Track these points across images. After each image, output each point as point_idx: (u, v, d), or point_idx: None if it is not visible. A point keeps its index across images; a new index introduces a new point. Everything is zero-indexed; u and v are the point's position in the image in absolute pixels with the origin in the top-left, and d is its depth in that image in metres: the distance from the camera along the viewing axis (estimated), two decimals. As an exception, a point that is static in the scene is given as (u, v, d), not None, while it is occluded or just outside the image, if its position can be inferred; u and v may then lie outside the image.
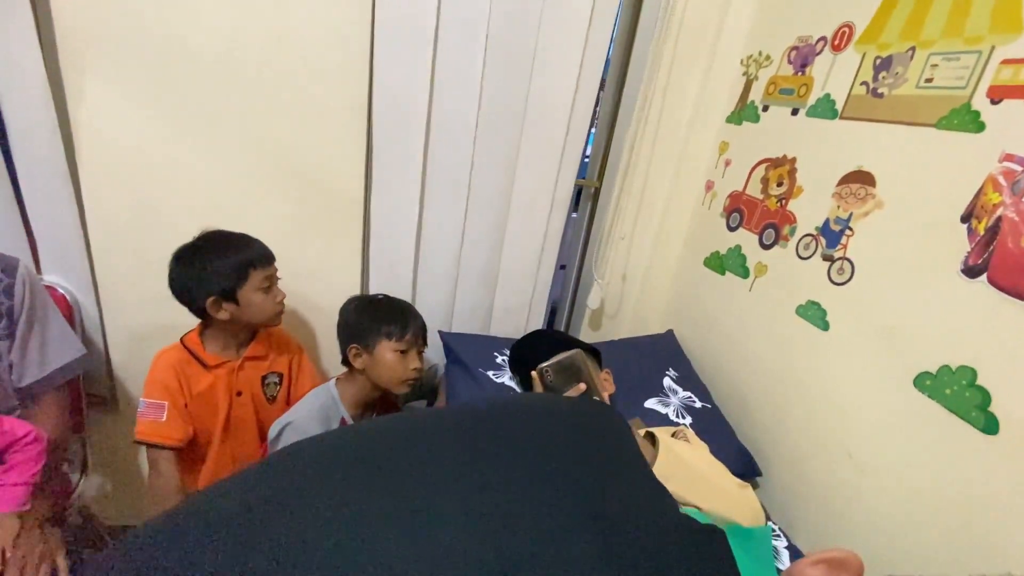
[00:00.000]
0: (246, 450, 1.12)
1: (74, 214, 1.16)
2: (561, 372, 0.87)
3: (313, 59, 1.13)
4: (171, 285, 1.03)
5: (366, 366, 1.07)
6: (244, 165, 1.19)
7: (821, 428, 0.97)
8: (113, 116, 1.10)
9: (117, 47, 1.06)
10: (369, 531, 0.37)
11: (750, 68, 1.24)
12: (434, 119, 1.21)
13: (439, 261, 1.38)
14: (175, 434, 1.03)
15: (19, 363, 1.00)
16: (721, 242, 1.27)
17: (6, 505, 0.88)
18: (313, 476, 0.43)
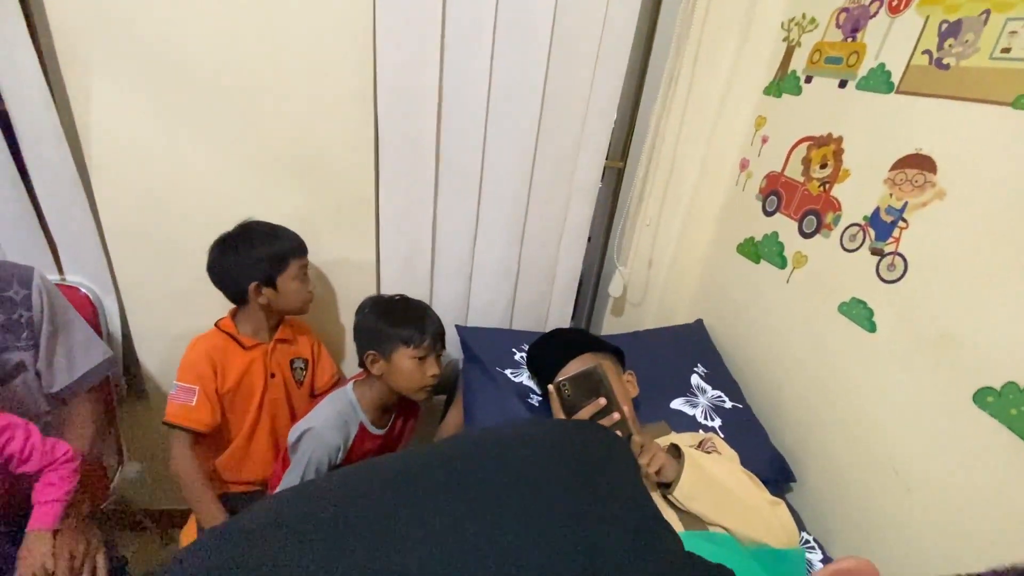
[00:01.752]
0: (281, 431, 1.15)
1: (87, 214, 1.16)
2: (578, 386, 0.83)
3: (314, 51, 1.07)
4: (211, 270, 1.09)
5: (384, 372, 1.05)
6: (252, 160, 1.16)
7: (863, 439, 0.90)
8: (119, 115, 1.08)
9: (116, 45, 1.02)
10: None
11: (792, 33, 1.11)
12: (444, 106, 1.14)
13: (454, 254, 1.33)
14: (203, 418, 1.06)
15: (47, 371, 1.02)
16: (756, 227, 1.18)
17: (41, 523, 0.91)
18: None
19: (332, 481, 0.56)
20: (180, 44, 1.03)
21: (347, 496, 0.48)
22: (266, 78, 1.08)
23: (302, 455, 1.01)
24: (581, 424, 0.75)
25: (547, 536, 0.41)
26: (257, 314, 1.11)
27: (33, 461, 0.93)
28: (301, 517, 0.45)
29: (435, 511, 0.44)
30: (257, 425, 1.15)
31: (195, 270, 1.23)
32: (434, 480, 0.47)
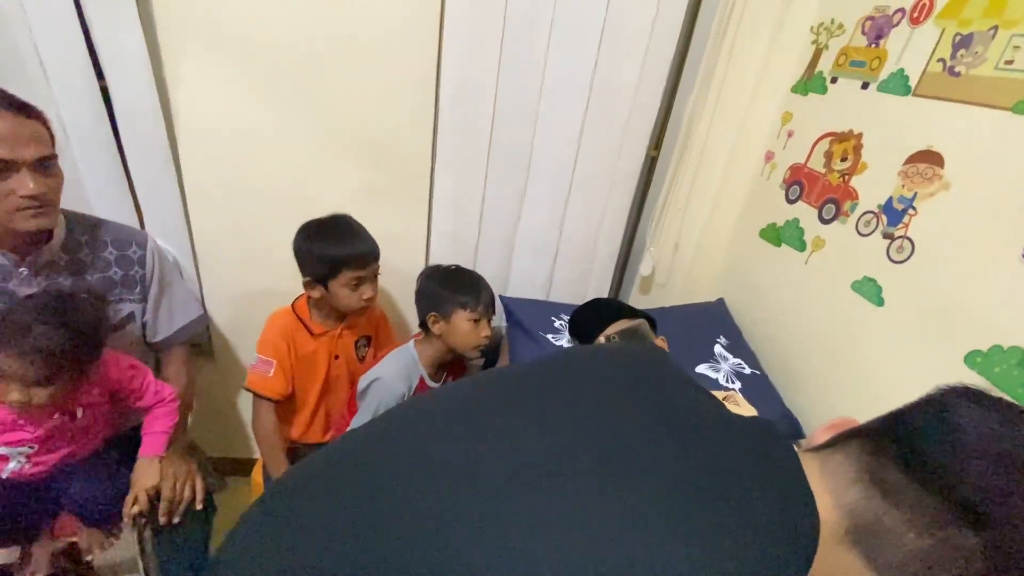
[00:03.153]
0: (339, 405, 1.28)
1: (174, 185, 1.28)
2: (626, 339, 0.96)
3: (385, 38, 1.18)
4: (294, 251, 1.17)
5: (443, 332, 1.18)
6: (322, 138, 1.27)
7: (867, 397, 1.03)
8: (208, 95, 1.19)
9: (211, 32, 1.13)
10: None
11: (820, 37, 1.22)
12: (500, 92, 1.25)
13: (498, 230, 1.45)
14: (278, 388, 1.19)
15: (152, 323, 1.16)
16: (779, 214, 1.30)
17: (152, 449, 1.06)
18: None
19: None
20: (266, 32, 1.14)
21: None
22: (340, 64, 1.19)
23: (371, 400, 1.14)
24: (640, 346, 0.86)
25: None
26: (320, 302, 1.20)
27: (147, 398, 1.08)
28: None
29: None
30: (320, 398, 1.28)
31: (265, 238, 1.37)
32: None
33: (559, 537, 0.39)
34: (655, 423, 0.48)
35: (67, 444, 1.01)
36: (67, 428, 0.99)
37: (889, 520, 0.38)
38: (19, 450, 0.96)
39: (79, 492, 1.03)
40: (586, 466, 0.44)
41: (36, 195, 0.86)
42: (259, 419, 1.20)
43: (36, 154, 0.86)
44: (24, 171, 0.85)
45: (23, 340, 0.83)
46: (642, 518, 0.39)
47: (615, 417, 0.49)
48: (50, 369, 0.85)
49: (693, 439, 0.47)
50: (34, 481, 1.01)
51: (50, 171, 0.90)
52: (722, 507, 0.40)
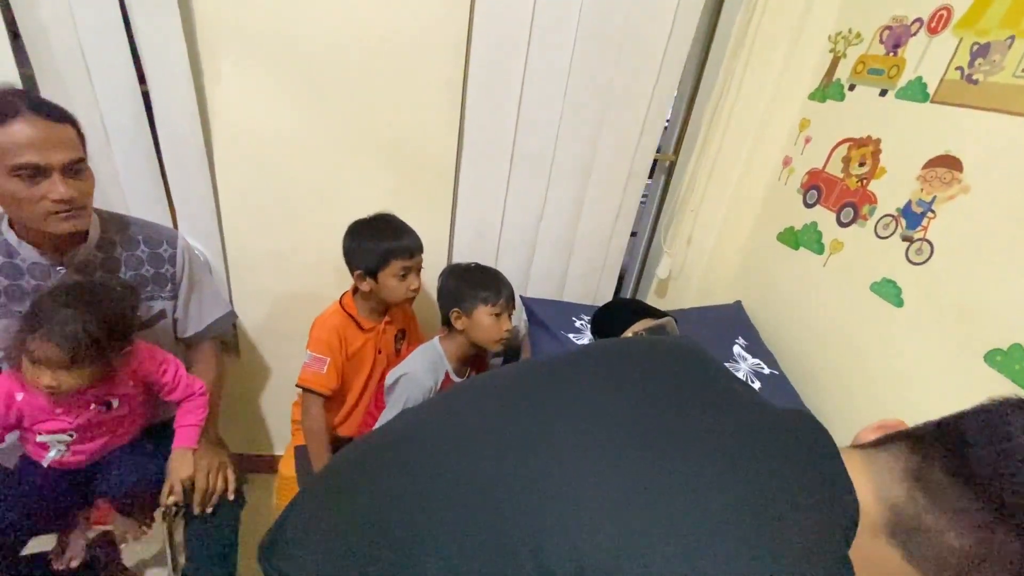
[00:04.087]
0: (379, 399, 1.31)
1: (208, 185, 1.32)
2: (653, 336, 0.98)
3: (414, 44, 1.22)
4: (343, 249, 1.23)
5: (466, 327, 1.21)
6: (350, 139, 1.31)
7: (887, 396, 1.05)
8: (243, 99, 1.24)
9: (248, 39, 1.18)
10: None
11: (838, 45, 1.25)
12: (525, 96, 1.29)
13: (520, 229, 1.49)
14: (330, 384, 1.23)
15: (182, 319, 1.20)
16: (796, 217, 1.33)
17: (186, 441, 1.09)
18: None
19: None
20: (299, 38, 1.18)
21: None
22: (369, 68, 1.23)
23: (399, 395, 1.17)
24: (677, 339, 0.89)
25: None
26: (368, 297, 1.25)
27: (178, 391, 1.11)
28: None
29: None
30: (363, 391, 1.33)
31: (293, 237, 1.41)
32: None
33: (624, 507, 0.41)
34: (712, 409, 0.51)
35: (105, 434, 1.04)
36: (104, 418, 1.02)
37: (930, 519, 0.40)
38: (58, 438, 0.99)
39: (116, 481, 1.06)
40: (650, 448, 0.46)
41: (67, 199, 0.89)
42: (309, 415, 1.24)
43: (66, 158, 0.88)
44: (55, 175, 0.87)
45: (49, 324, 0.86)
46: (704, 501, 0.42)
47: (676, 401, 0.52)
48: (73, 352, 0.86)
49: (745, 425, 0.49)
50: (73, 470, 1.04)
51: (81, 174, 0.92)
52: (772, 489, 0.43)
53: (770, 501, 0.42)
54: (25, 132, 0.84)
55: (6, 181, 0.85)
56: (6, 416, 0.93)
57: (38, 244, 0.98)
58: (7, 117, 0.84)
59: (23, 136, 0.84)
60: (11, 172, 0.84)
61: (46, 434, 0.97)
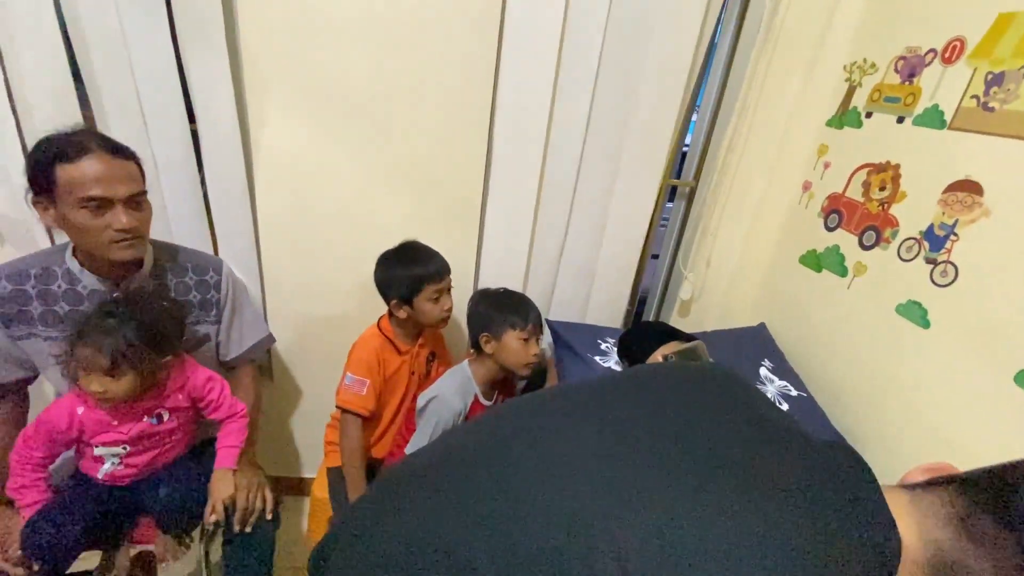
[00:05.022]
0: (411, 420, 1.34)
1: (248, 216, 1.39)
2: (685, 359, 1.01)
3: (443, 80, 1.29)
4: (375, 280, 1.28)
5: (495, 351, 1.24)
6: (382, 171, 1.38)
7: (919, 418, 1.05)
8: (284, 134, 1.31)
9: (291, 78, 1.26)
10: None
11: (853, 75, 1.29)
12: (550, 126, 1.35)
13: (545, 254, 1.53)
14: (368, 405, 1.27)
15: (224, 342, 1.25)
16: (818, 241, 1.35)
17: (227, 462, 1.13)
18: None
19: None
20: (338, 76, 1.26)
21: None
22: (401, 104, 1.30)
23: (429, 418, 1.20)
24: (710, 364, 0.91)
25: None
26: (404, 322, 1.30)
27: (222, 410, 1.15)
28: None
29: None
30: (397, 412, 1.36)
31: (328, 264, 1.47)
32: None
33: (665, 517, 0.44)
34: (753, 436, 0.53)
35: (154, 447, 1.09)
36: (154, 431, 1.07)
37: (974, 563, 0.41)
38: (113, 451, 1.04)
39: (160, 498, 1.10)
40: (692, 468, 0.49)
41: (129, 228, 0.96)
42: (347, 435, 1.27)
43: (129, 191, 0.96)
44: (118, 207, 0.95)
45: (97, 330, 0.92)
46: (747, 526, 0.44)
47: (716, 426, 0.54)
48: (115, 358, 0.92)
49: (786, 453, 0.52)
50: (121, 488, 1.09)
51: (141, 206, 1.00)
52: (816, 522, 0.45)
53: (812, 534, 0.43)
54: (94, 168, 0.91)
55: (75, 212, 0.92)
56: (68, 430, 0.98)
57: (98, 272, 1.04)
58: (79, 154, 0.91)
59: (92, 171, 0.91)
60: (80, 204, 0.91)
61: (102, 447, 1.02)
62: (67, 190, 0.91)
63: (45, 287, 1.03)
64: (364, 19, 1.21)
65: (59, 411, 0.98)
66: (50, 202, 0.93)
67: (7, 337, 1.02)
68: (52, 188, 0.91)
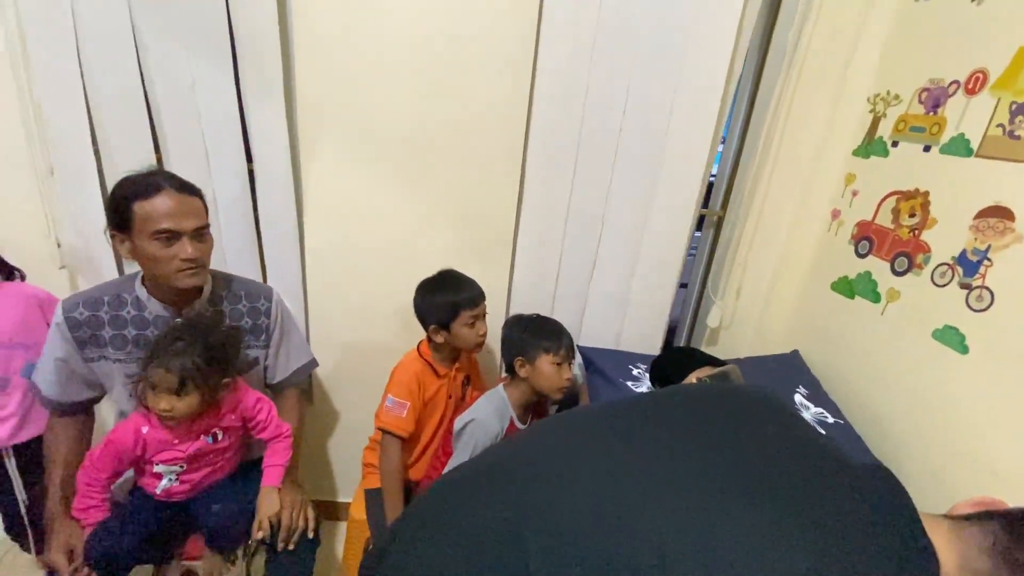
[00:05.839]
0: (449, 442, 1.37)
1: (296, 247, 1.49)
2: (719, 382, 1.02)
3: (478, 124, 1.37)
4: (414, 307, 1.34)
5: (529, 375, 1.27)
6: (421, 206, 1.46)
7: (961, 445, 1.04)
8: (332, 172, 1.41)
9: (341, 120, 1.36)
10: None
11: (877, 106, 1.33)
12: (580, 165, 1.41)
13: (575, 282, 1.57)
14: (408, 427, 1.31)
15: (271, 366, 1.32)
16: (849, 267, 1.36)
17: (271, 480, 1.18)
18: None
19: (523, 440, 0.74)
20: (383, 117, 1.36)
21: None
22: (440, 144, 1.39)
23: (467, 440, 1.23)
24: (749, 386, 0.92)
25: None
26: (442, 346, 1.35)
27: (268, 430, 1.21)
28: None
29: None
30: (435, 435, 1.40)
31: (368, 293, 1.54)
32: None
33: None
34: (793, 455, 0.55)
35: (208, 465, 1.15)
36: (209, 449, 1.13)
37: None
38: (171, 468, 1.10)
39: (211, 515, 1.15)
40: (733, 485, 0.51)
41: (194, 258, 1.05)
42: (387, 456, 1.31)
43: (195, 225, 1.06)
44: (185, 239, 1.04)
45: (167, 352, 0.99)
46: (787, 545, 0.46)
47: (757, 445, 0.57)
48: (183, 378, 0.99)
49: (824, 473, 0.54)
50: (174, 504, 1.14)
51: (204, 238, 1.10)
52: (852, 545, 0.46)
53: (847, 552, 0.45)
54: (166, 204, 1.01)
55: (148, 243, 1.01)
56: (134, 448, 1.05)
57: (163, 299, 1.13)
58: (153, 192, 1.01)
59: (164, 207, 1.01)
60: (152, 236, 1.01)
61: (162, 464, 1.08)
62: (142, 224, 1.00)
63: (116, 313, 1.12)
64: (407, 68, 1.32)
65: (125, 431, 1.06)
66: (126, 235, 1.03)
67: (81, 359, 1.11)
68: (129, 222, 1.01)
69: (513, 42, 1.31)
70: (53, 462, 1.13)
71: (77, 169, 1.33)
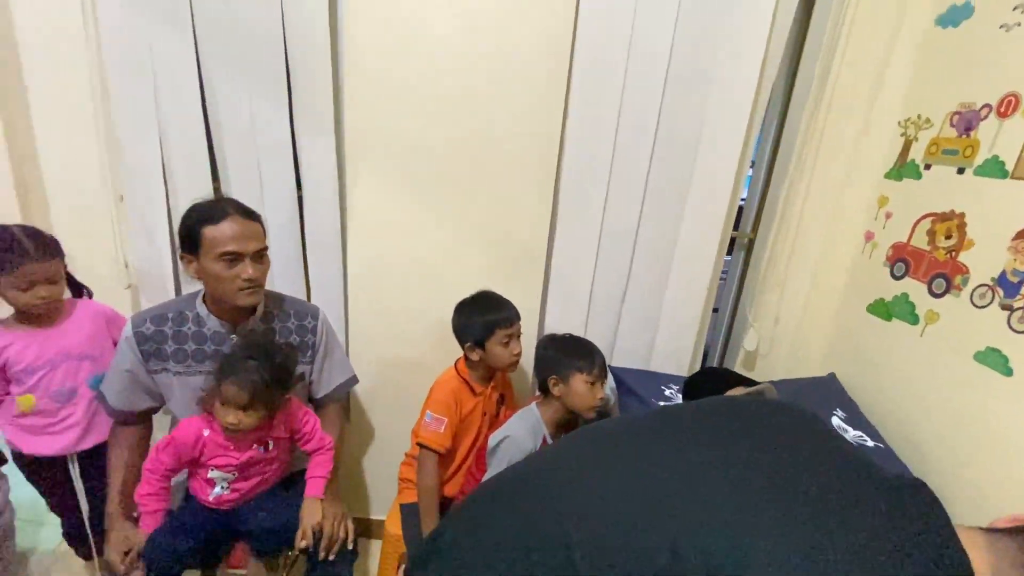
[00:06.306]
0: (483, 459, 1.40)
1: (339, 269, 1.56)
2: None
3: (513, 149, 1.44)
4: (452, 325, 1.39)
5: (562, 394, 1.30)
6: (458, 228, 1.52)
7: (1005, 468, 1.01)
8: (374, 197, 1.49)
9: (384, 147, 1.44)
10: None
11: (909, 130, 1.34)
12: (612, 184, 1.46)
13: (606, 305, 1.60)
14: (445, 443, 1.35)
15: (316, 382, 1.38)
16: (885, 289, 1.35)
17: (314, 491, 1.22)
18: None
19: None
20: (422, 144, 1.43)
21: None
22: (477, 169, 1.45)
23: (501, 456, 1.26)
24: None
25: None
26: (478, 364, 1.39)
27: (312, 442, 1.26)
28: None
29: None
30: (470, 452, 1.43)
31: (406, 311, 1.60)
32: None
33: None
34: (831, 466, 0.57)
35: (257, 474, 1.20)
36: (260, 458, 1.18)
37: None
38: (224, 475, 1.16)
39: (257, 522, 1.20)
40: (772, 495, 0.53)
41: (254, 278, 1.14)
42: (425, 471, 1.34)
43: (256, 247, 1.15)
44: (247, 260, 1.13)
45: (236, 372, 1.06)
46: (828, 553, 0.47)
47: (795, 455, 0.58)
48: (253, 396, 1.07)
49: (860, 484, 0.55)
50: (223, 511, 1.20)
51: (263, 260, 1.18)
52: (890, 552, 0.48)
53: (884, 560, 0.47)
54: (232, 228, 1.10)
55: (213, 264, 1.10)
56: (193, 447, 1.12)
57: (220, 316, 1.21)
58: (220, 217, 1.10)
59: (230, 231, 1.10)
60: (218, 257, 1.10)
61: (215, 470, 1.15)
62: (209, 246, 1.09)
63: (178, 329, 1.20)
64: (445, 100, 1.40)
65: (188, 429, 1.13)
66: (194, 256, 1.12)
67: (146, 371, 1.19)
68: (197, 245, 1.10)
69: (546, 74, 1.38)
70: (115, 467, 1.21)
71: (146, 196, 1.45)
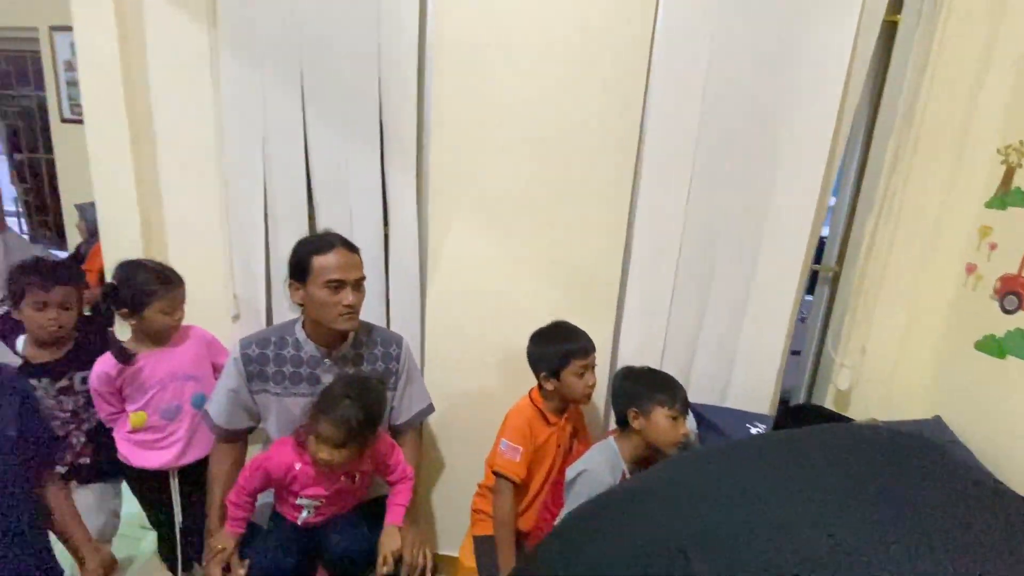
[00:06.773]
0: (557, 493, 1.39)
1: (417, 301, 1.64)
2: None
3: (588, 185, 1.48)
4: (527, 354, 1.41)
5: (643, 428, 1.26)
6: (534, 261, 1.56)
7: None
8: (453, 233, 1.57)
9: (462, 188, 1.53)
10: None
11: (1010, 156, 1.27)
12: (688, 220, 1.46)
13: (681, 340, 1.57)
14: (521, 472, 1.34)
15: (396, 408, 1.43)
16: (995, 325, 1.25)
17: (395, 519, 1.25)
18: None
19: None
20: (500, 184, 1.51)
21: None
22: (553, 206, 1.50)
23: (580, 491, 1.23)
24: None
25: None
26: (552, 394, 1.39)
27: (396, 473, 1.30)
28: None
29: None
30: (544, 484, 1.41)
31: (480, 343, 1.64)
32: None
33: None
34: (961, 497, 0.54)
35: (342, 501, 1.24)
36: (347, 489, 1.22)
37: None
38: (312, 503, 1.21)
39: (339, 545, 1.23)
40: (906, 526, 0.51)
41: (353, 304, 1.24)
42: (501, 501, 1.33)
43: (356, 276, 1.25)
44: (348, 288, 1.23)
45: (336, 410, 1.11)
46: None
47: (925, 486, 0.55)
48: (348, 435, 1.11)
49: (994, 513, 0.52)
50: (305, 533, 1.24)
51: (361, 288, 1.28)
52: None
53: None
54: (337, 258, 1.21)
55: (319, 290, 1.20)
56: (282, 479, 1.17)
57: (318, 341, 1.30)
58: (327, 248, 1.22)
59: (336, 261, 1.20)
60: (324, 284, 1.20)
61: (305, 498, 1.19)
62: (318, 273, 1.20)
63: (279, 352, 1.29)
64: (521, 143, 1.48)
65: (279, 462, 1.19)
66: (301, 284, 1.22)
67: (248, 391, 1.28)
68: (306, 273, 1.20)
69: (619, 114, 1.43)
70: (216, 481, 1.29)
71: (251, 234, 1.60)
